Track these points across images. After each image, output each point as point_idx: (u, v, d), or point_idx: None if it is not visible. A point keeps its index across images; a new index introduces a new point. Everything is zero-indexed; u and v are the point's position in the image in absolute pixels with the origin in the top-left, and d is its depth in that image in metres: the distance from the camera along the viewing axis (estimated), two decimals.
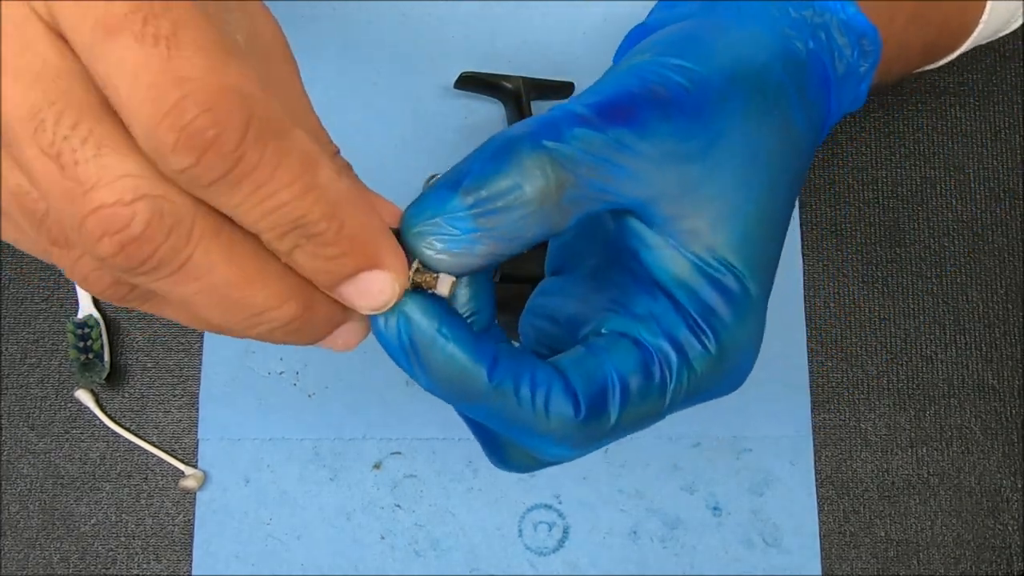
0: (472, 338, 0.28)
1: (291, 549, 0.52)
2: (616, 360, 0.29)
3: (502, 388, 0.28)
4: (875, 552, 0.52)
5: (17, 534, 0.52)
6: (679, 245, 0.29)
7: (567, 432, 0.28)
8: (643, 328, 0.30)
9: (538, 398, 0.28)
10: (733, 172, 0.29)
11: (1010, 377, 0.54)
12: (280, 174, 0.21)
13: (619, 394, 0.29)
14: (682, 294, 0.29)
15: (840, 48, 0.34)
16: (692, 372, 0.30)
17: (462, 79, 0.55)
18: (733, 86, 0.30)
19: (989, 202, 0.56)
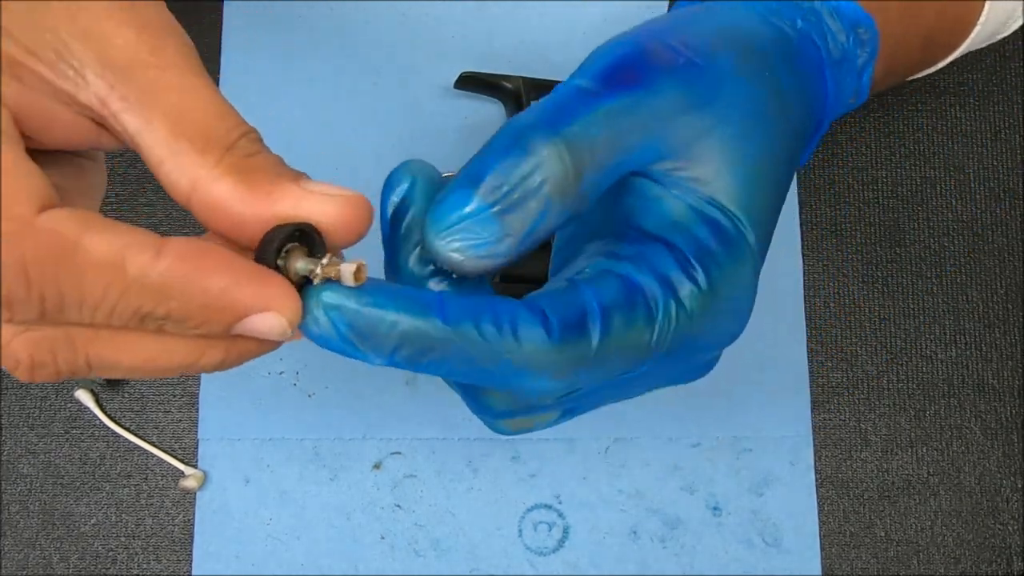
0: (408, 294, 0.26)
1: (291, 549, 0.52)
2: (596, 289, 0.28)
3: (461, 329, 0.25)
4: (875, 552, 0.52)
5: (17, 534, 0.52)
6: (681, 194, 0.29)
7: (544, 358, 0.26)
8: (629, 266, 0.29)
9: (505, 329, 0.26)
10: (733, 124, 0.29)
11: (1010, 377, 0.54)
12: (90, 289, 0.22)
13: (599, 318, 0.27)
14: (675, 235, 0.29)
15: (832, 32, 0.34)
16: (681, 307, 0.28)
17: (462, 79, 0.55)
18: (723, 45, 0.30)
19: (989, 202, 0.56)
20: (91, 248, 0.22)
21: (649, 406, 0.53)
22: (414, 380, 0.53)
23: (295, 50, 0.57)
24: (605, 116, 0.27)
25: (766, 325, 0.54)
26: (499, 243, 0.26)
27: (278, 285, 0.24)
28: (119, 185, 0.56)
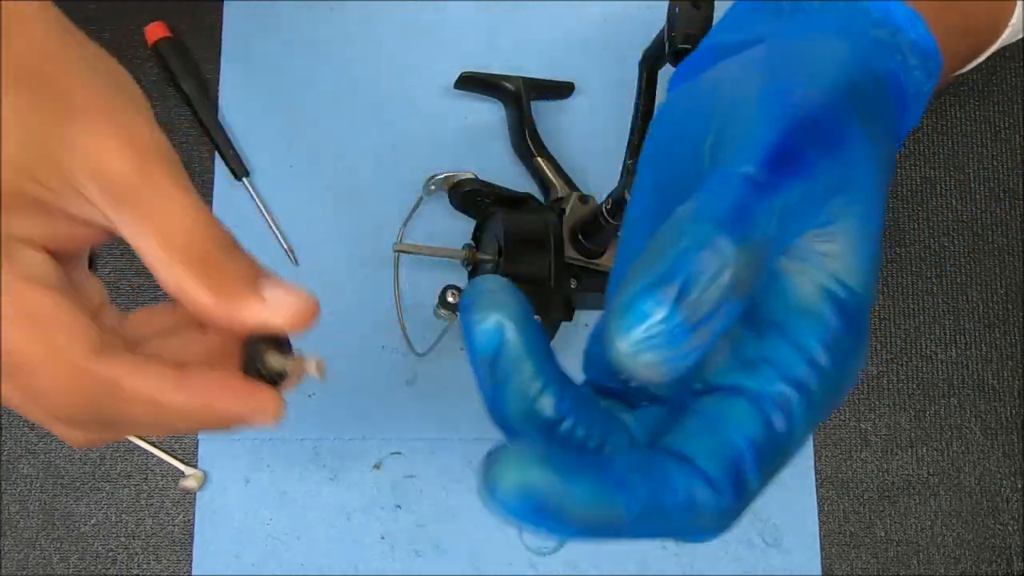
0: (598, 480, 0.25)
1: (291, 549, 0.52)
2: (738, 426, 0.27)
3: (647, 514, 0.26)
4: (875, 552, 0.52)
5: (17, 534, 0.52)
6: (811, 271, 0.28)
7: (719, 521, 0.27)
8: (758, 376, 0.28)
9: (685, 507, 0.26)
10: (864, 200, 0.29)
11: (1010, 377, 0.54)
12: (132, 414, 0.30)
13: (755, 465, 0.28)
14: (804, 323, 0.28)
15: (911, 69, 0.33)
16: (813, 404, 0.28)
17: (462, 79, 0.55)
18: (848, 110, 0.29)
19: (989, 202, 0.56)
20: (131, 388, 0.29)
21: None
22: (414, 380, 0.53)
23: (295, 50, 0.57)
24: (780, 211, 0.26)
25: None
26: (690, 353, 0.25)
27: (266, 395, 0.30)
28: None
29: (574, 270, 0.49)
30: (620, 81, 0.56)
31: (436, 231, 0.55)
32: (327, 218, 0.55)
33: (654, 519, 0.26)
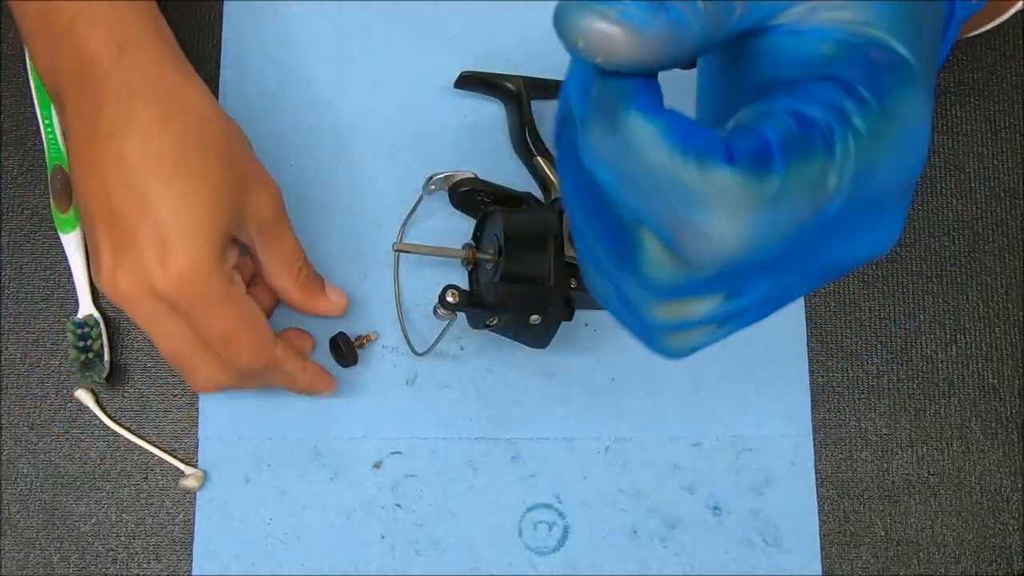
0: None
1: (291, 549, 0.52)
2: (772, 124, 0.25)
3: (651, 137, 0.25)
4: (875, 552, 0.52)
5: (17, 534, 0.52)
6: (825, 31, 0.26)
7: (724, 190, 0.24)
8: (795, 103, 0.26)
9: (690, 151, 0.25)
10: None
11: (1010, 377, 0.54)
12: (280, 380, 0.49)
13: (780, 150, 0.25)
14: (833, 68, 0.26)
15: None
16: (858, 136, 0.25)
17: (462, 79, 0.55)
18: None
19: (989, 202, 0.56)
20: (286, 366, 0.48)
21: (649, 406, 0.53)
22: (414, 380, 0.53)
23: (295, 50, 0.57)
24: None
25: (766, 325, 0.54)
26: (648, 24, 0.25)
27: (332, 384, 0.52)
28: None
29: (574, 270, 0.49)
30: None
31: (436, 230, 0.55)
32: (327, 218, 0.55)
33: (656, 160, 0.25)
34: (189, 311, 0.42)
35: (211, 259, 0.42)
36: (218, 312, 0.43)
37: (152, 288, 0.41)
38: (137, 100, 0.42)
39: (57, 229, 0.54)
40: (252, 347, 0.45)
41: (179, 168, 0.42)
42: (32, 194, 0.56)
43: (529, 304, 0.47)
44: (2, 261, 0.55)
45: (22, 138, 0.57)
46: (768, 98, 0.27)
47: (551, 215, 0.50)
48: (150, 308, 0.42)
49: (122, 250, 0.42)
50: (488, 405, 0.53)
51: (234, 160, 0.44)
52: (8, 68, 0.57)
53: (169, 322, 0.43)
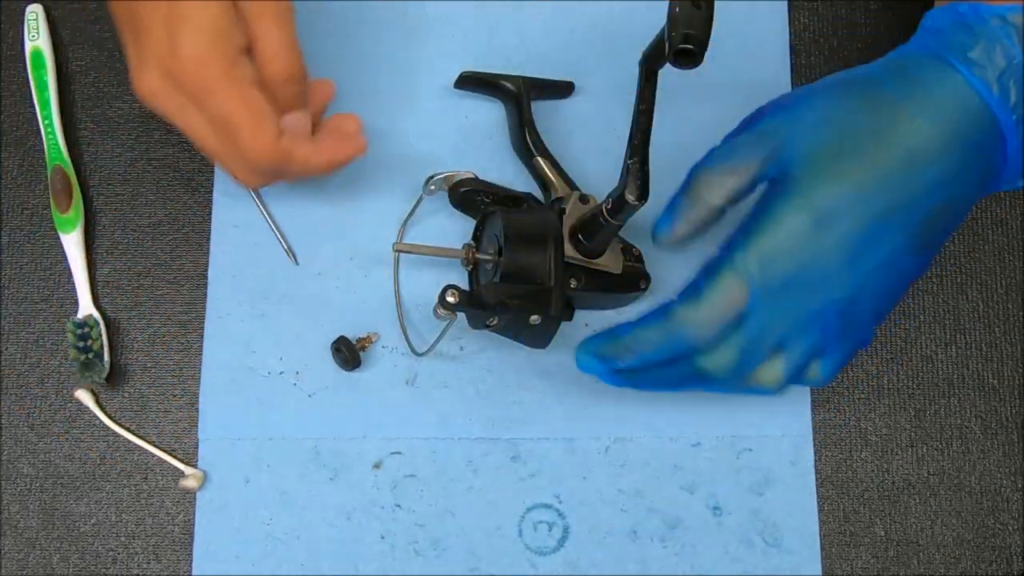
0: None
1: (291, 549, 0.52)
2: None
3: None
4: (875, 552, 0.52)
5: (17, 534, 0.52)
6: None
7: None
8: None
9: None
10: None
11: (1010, 377, 0.54)
12: (293, 170, 0.48)
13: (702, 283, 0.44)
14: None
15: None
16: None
17: (462, 79, 0.55)
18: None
19: (989, 202, 0.56)
20: (298, 155, 0.47)
21: (649, 406, 0.53)
22: (414, 380, 0.53)
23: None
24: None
25: None
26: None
27: (355, 142, 0.50)
28: (119, 185, 0.56)
29: (574, 270, 0.49)
30: (620, 81, 0.56)
31: (436, 231, 0.55)
32: (327, 218, 0.55)
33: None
34: (198, 94, 0.44)
35: (216, 38, 0.43)
36: (222, 94, 0.44)
37: (169, 76, 0.44)
38: None
39: (57, 229, 0.54)
40: (254, 131, 0.45)
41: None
42: (32, 194, 0.56)
43: (529, 304, 0.47)
44: (2, 261, 0.55)
45: (22, 138, 0.57)
46: None
47: (551, 215, 0.50)
48: (173, 100, 0.45)
49: (142, 48, 0.44)
50: (488, 405, 0.53)
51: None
52: (8, 68, 0.57)
53: (191, 114, 0.45)
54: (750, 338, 0.42)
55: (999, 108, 0.41)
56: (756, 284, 0.41)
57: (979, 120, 0.41)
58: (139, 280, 0.55)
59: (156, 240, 0.55)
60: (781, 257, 0.41)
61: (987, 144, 0.42)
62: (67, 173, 0.55)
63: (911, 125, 0.41)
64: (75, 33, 0.58)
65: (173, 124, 0.46)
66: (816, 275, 0.42)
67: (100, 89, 0.57)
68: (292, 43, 0.47)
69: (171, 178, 0.56)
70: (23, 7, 0.57)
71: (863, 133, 0.41)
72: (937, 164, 0.41)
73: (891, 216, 0.41)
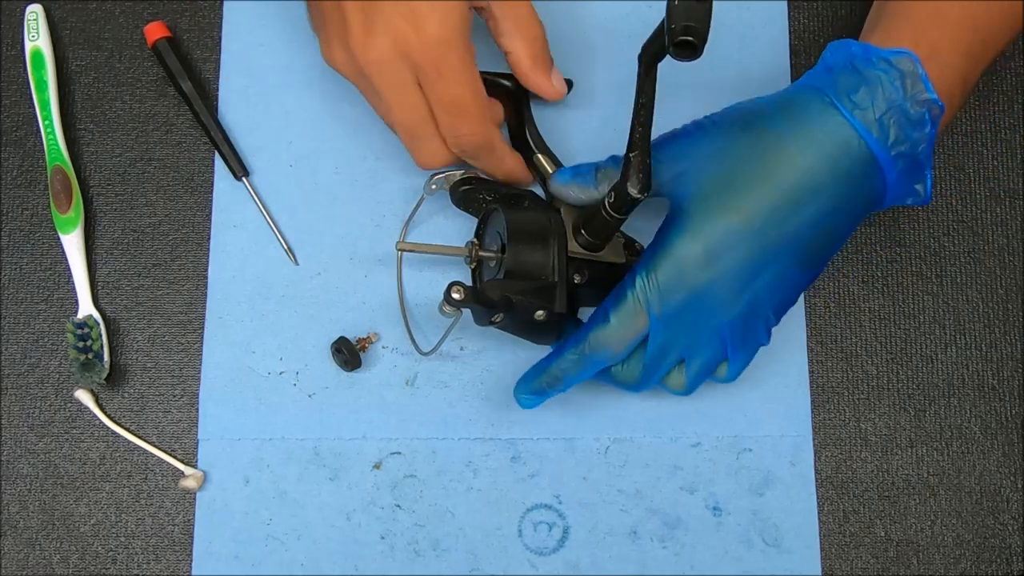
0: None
1: (291, 549, 0.52)
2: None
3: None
4: (875, 552, 0.52)
5: (17, 534, 0.52)
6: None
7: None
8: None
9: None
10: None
11: (1010, 377, 0.54)
12: (492, 162, 0.52)
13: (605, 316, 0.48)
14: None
15: (901, 127, 0.44)
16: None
17: None
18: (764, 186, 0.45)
19: (989, 202, 0.56)
20: (499, 146, 0.51)
21: (649, 406, 0.53)
22: (414, 380, 0.53)
23: (295, 50, 0.57)
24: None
25: None
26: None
27: (529, 177, 0.54)
28: (119, 185, 0.56)
29: (578, 264, 0.49)
30: (620, 81, 0.56)
31: (438, 230, 0.55)
32: (327, 218, 0.55)
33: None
34: (433, 75, 0.46)
35: (460, 23, 0.46)
36: (458, 78, 0.47)
37: (405, 52, 0.46)
38: None
39: (57, 229, 0.54)
40: (478, 118, 0.48)
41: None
42: (32, 194, 0.56)
43: (534, 299, 0.47)
44: (2, 261, 0.55)
45: (22, 138, 0.57)
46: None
47: (553, 212, 0.50)
48: (396, 74, 0.47)
49: (375, 18, 0.46)
50: (488, 405, 0.53)
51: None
52: (8, 68, 0.57)
53: (411, 90, 0.47)
54: (653, 356, 0.47)
55: (877, 147, 0.44)
56: (654, 311, 0.45)
57: (859, 156, 0.44)
58: (139, 280, 0.55)
59: (156, 240, 0.55)
60: (676, 287, 0.45)
61: (867, 177, 0.45)
62: (67, 173, 0.55)
63: (794, 161, 0.44)
64: (75, 33, 0.58)
65: (374, 93, 0.48)
66: (709, 300, 0.45)
67: (100, 89, 0.57)
68: (534, 17, 0.51)
69: (171, 178, 0.56)
70: (23, 7, 0.57)
71: (751, 168, 0.45)
72: (820, 198, 0.45)
73: (778, 246, 0.45)
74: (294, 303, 0.54)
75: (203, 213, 0.56)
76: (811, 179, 0.44)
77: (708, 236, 0.44)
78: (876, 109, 0.44)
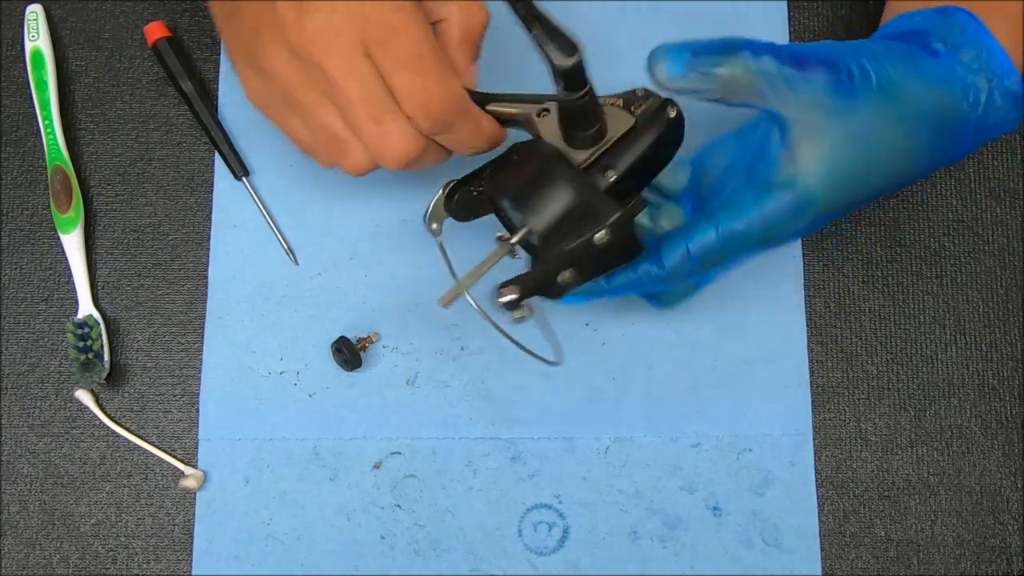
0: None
1: (291, 549, 0.52)
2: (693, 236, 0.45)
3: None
4: (875, 552, 0.52)
5: (17, 534, 0.52)
6: (789, 158, 0.43)
7: (664, 283, 0.46)
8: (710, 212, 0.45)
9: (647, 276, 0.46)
10: (837, 135, 0.43)
11: (1010, 377, 0.54)
12: (461, 129, 0.45)
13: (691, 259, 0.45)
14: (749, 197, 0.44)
15: (995, 108, 0.45)
16: (736, 233, 0.44)
17: None
18: (881, 92, 0.43)
19: (989, 202, 0.56)
20: (475, 111, 0.45)
21: (649, 406, 0.53)
22: (414, 380, 0.53)
23: None
24: (773, 68, 0.43)
25: (766, 325, 0.54)
26: (688, 74, 0.43)
27: (503, 134, 0.48)
28: (119, 185, 0.56)
29: (597, 165, 0.44)
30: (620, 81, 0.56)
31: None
32: (327, 218, 0.55)
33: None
34: (384, 34, 0.42)
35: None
36: (415, 31, 0.42)
37: (348, 18, 0.42)
38: None
39: (57, 229, 0.55)
40: (443, 73, 0.43)
41: None
42: (32, 194, 0.56)
43: (583, 230, 0.42)
44: (2, 261, 0.55)
45: (22, 138, 0.57)
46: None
47: (537, 144, 0.45)
48: (341, 42, 0.42)
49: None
50: (488, 405, 0.53)
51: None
52: (8, 68, 0.57)
53: (361, 59, 0.42)
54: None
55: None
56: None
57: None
58: (139, 280, 0.55)
59: (156, 240, 0.55)
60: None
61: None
62: (67, 173, 0.55)
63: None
64: (75, 33, 0.58)
65: (325, 76, 0.43)
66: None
67: (100, 89, 0.57)
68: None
69: (171, 178, 0.56)
70: (23, 7, 0.57)
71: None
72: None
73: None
74: (294, 303, 0.54)
75: (203, 213, 0.56)
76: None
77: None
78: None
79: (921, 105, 0.44)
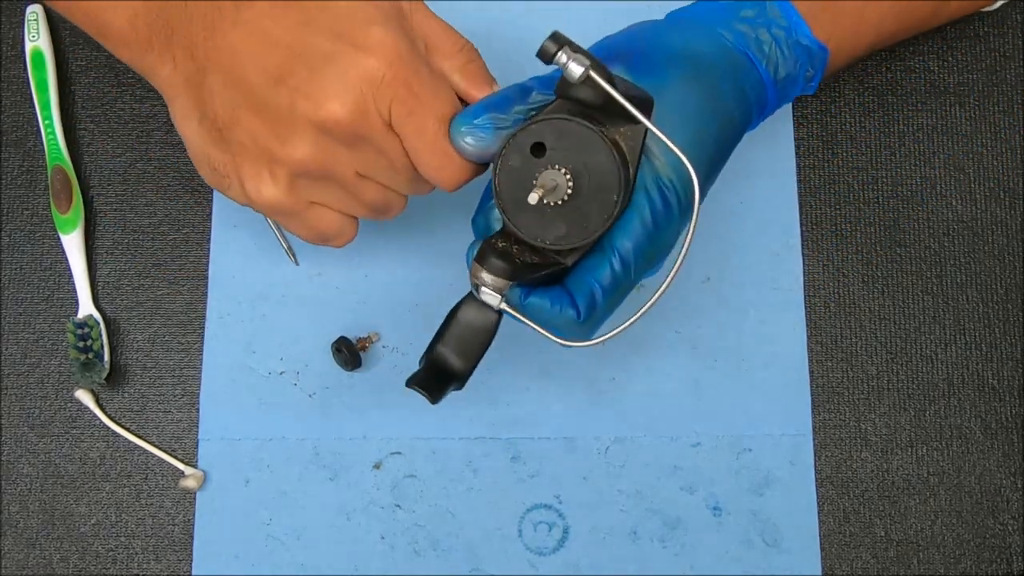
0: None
1: (291, 549, 0.52)
2: (594, 272, 0.42)
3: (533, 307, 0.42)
4: (875, 552, 0.52)
5: (17, 534, 0.52)
6: (645, 164, 0.43)
7: (573, 330, 0.42)
8: (609, 240, 0.43)
9: (556, 311, 0.42)
10: (660, 112, 0.42)
11: (1010, 377, 0.54)
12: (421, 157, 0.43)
13: (603, 297, 0.42)
14: (632, 208, 0.42)
15: (783, 59, 0.46)
16: (641, 256, 0.43)
17: None
18: (673, 59, 0.44)
19: (989, 202, 0.56)
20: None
21: (649, 406, 0.53)
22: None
23: None
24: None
25: (766, 325, 0.54)
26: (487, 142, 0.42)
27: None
28: (119, 185, 0.56)
29: (617, 121, 0.41)
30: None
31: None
32: None
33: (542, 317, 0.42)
34: (404, 93, 0.40)
35: (397, 19, 0.42)
36: (438, 84, 0.42)
37: (370, 82, 0.40)
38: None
39: (57, 229, 0.55)
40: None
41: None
42: (32, 194, 0.56)
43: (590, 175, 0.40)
44: (2, 261, 0.55)
45: (22, 138, 0.57)
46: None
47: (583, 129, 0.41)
48: (369, 110, 0.40)
49: (319, 81, 0.40)
50: (488, 405, 0.53)
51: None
52: (8, 68, 0.57)
53: (388, 132, 0.41)
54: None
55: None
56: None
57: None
58: (139, 280, 0.55)
59: (156, 240, 0.55)
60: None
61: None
62: (67, 173, 0.55)
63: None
64: (75, 33, 0.58)
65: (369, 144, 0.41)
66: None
67: (100, 89, 0.57)
68: (451, 34, 0.46)
69: (171, 178, 0.56)
70: (23, 7, 0.57)
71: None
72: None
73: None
74: (294, 303, 0.54)
75: (203, 213, 0.56)
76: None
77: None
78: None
79: (707, 59, 0.44)
